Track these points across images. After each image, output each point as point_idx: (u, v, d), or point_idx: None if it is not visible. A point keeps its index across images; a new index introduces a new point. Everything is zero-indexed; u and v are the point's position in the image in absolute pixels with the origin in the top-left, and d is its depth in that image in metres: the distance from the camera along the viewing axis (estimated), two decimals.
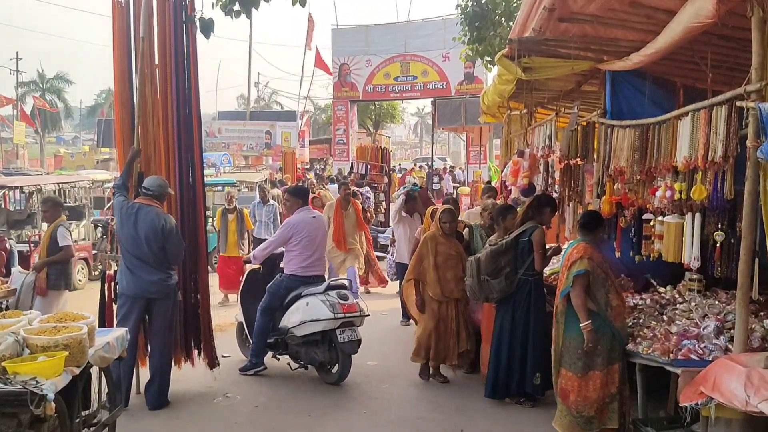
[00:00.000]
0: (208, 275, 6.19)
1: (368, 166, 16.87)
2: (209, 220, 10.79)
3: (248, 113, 34.16)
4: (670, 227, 4.47)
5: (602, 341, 4.62)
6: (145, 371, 5.68)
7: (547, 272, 6.12)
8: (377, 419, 5.38)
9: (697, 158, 3.91)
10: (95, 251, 11.56)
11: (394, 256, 9.21)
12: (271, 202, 11.24)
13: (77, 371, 3.61)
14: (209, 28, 5.87)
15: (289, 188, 7.58)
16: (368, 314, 6.30)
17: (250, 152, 30.51)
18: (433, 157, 31.56)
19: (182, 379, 5.89)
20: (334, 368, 6.20)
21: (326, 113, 41.52)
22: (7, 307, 6.16)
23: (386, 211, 15.66)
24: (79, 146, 54.39)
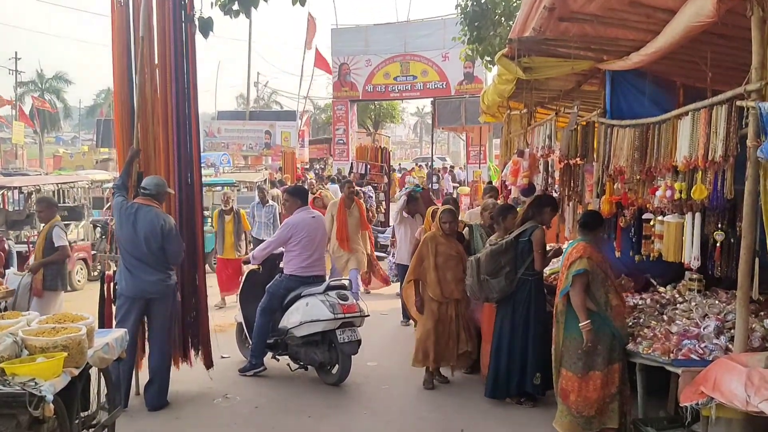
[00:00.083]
0: (205, 275, 6.17)
1: (368, 165, 16.85)
2: (207, 220, 10.76)
3: (248, 113, 34.06)
4: (670, 227, 4.47)
5: (602, 341, 4.62)
6: (144, 372, 5.67)
7: (547, 272, 6.11)
8: (377, 420, 5.38)
9: (697, 158, 3.90)
10: (94, 252, 11.52)
11: (394, 257, 9.19)
12: (270, 202, 11.18)
13: (76, 372, 3.60)
14: (208, 27, 5.88)
15: (288, 188, 7.55)
16: (368, 315, 6.29)
17: (249, 152, 30.43)
18: (432, 156, 31.59)
19: (182, 379, 5.88)
20: (334, 369, 6.19)
21: (326, 113, 41.44)
22: (5, 308, 6.15)
23: (386, 211, 15.66)
24: (78, 146, 54.36)
